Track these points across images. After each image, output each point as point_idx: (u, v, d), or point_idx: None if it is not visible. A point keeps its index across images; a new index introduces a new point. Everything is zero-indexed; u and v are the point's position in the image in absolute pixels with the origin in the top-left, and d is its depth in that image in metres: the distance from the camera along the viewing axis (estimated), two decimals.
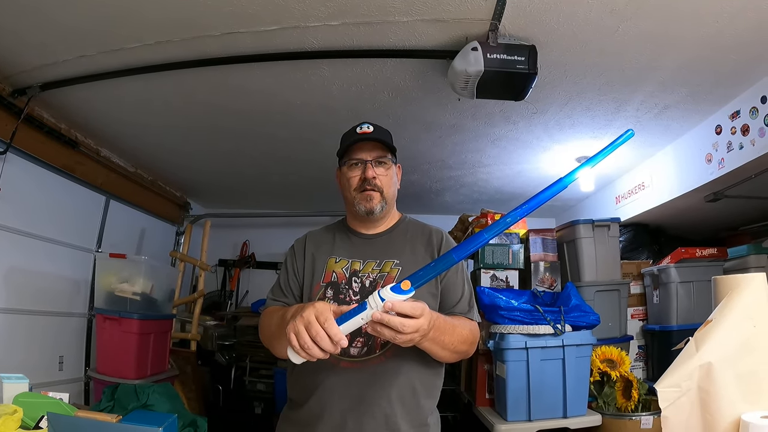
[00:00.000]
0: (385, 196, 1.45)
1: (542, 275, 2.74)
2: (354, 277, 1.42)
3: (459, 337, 1.31)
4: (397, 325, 1.04)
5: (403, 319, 1.04)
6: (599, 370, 2.40)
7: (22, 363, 2.63)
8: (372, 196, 1.43)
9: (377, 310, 1.03)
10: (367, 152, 1.44)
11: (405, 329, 1.05)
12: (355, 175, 1.44)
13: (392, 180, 1.48)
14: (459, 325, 1.34)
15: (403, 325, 1.04)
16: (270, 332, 1.35)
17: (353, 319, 1.04)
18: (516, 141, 3.08)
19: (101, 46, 2.11)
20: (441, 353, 1.29)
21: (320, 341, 1.02)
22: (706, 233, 3.98)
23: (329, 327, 1.03)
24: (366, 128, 1.45)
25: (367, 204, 1.43)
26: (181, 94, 2.57)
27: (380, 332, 1.05)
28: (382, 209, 1.45)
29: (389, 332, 1.05)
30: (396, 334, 1.05)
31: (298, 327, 1.04)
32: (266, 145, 3.28)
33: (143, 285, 2.94)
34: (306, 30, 1.93)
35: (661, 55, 2.11)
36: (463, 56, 1.86)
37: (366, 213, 1.44)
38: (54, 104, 2.70)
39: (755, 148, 2.43)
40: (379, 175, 1.44)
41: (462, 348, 1.33)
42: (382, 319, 1.03)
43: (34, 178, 2.82)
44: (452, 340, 1.28)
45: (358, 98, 2.53)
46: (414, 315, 1.06)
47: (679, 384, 1.14)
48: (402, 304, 1.04)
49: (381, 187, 1.44)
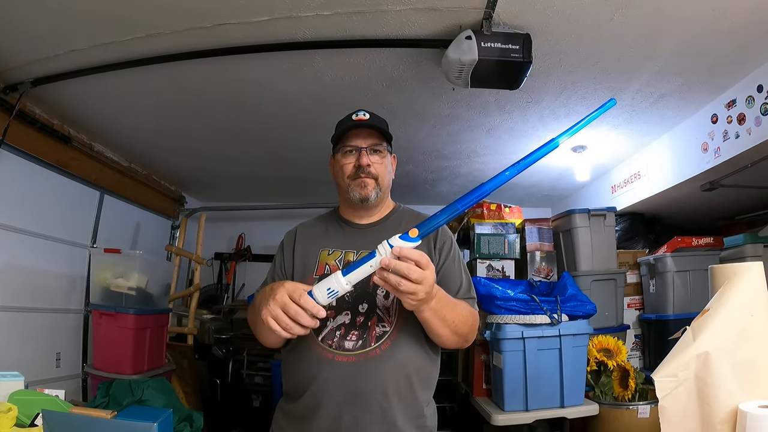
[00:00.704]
0: (380, 183, 1.43)
1: (538, 265, 2.74)
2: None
3: (460, 316, 1.31)
4: (403, 268, 1.06)
5: (410, 264, 1.07)
6: (596, 360, 2.41)
7: (19, 360, 2.62)
8: (366, 183, 1.41)
9: (386, 256, 1.07)
10: (362, 139, 1.42)
11: (411, 274, 1.06)
12: (349, 162, 1.42)
13: (387, 168, 1.47)
14: (460, 304, 1.34)
15: (410, 270, 1.06)
16: (254, 323, 1.37)
17: (362, 267, 1.08)
18: (511, 131, 3.06)
19: (92, 39, 2.08)
20: (441, 330, 1.28)
21: (300, 319, 1.08)
22: (702, 222, 3.99)
23: (305, 302, 1.08)
24: (362, 115, 1.43)
25: (362, 191, 1.41)
26: (173, 87, 2.54)
27: (386, 278, 1.07)
28: (376, 196, 1.43)
29: (395, 278, 1.06)
30: (401, 280, 1.06)
31: (275, 311, 1.09)
32: (260, 136, 3.26)
33: (138, 280, 2.92)
34: (298, 20, 1.91)
35: (656, 44, 2.10)
36: (456, 45, 1.84)
37: (360, 200, 1.42)
38: (46, 100, 2.67)
39: (751, 137, 2.42)
40: (374, 163, 1.42)
41: (462, 329, 1.33)
42: (389, 264, 1.05)
43: (27, 174, 2.80)
44: (453, 318, 1.28)
45: (352, 88, 2.50)
46: (420, 263, 1.08)
47: (676, 373, 1.14)
48: (410, 250, 1.07)
49: (376, 174, 1.42)
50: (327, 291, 1.09)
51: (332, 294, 1.09)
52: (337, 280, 1.09)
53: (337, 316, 1.34)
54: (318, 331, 1.33)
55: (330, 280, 1.10)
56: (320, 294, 1.10)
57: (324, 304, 1.10)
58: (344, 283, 1.09)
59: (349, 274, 1.08)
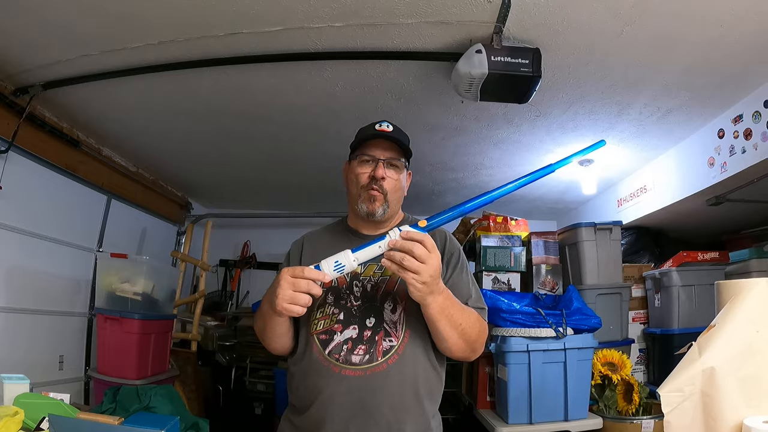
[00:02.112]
0: (389, 200, 1.41)
1: (544, 278, 2.74)
2: (355, 281, 1.39)
3: (468, 320, 1.30)
4: (408, 245, 1.12)
5: (416, 243, 1.13)
6: (600, 374, 2.40)
7: (23, 362, 2.63)
8: (375, 197, 1.39)
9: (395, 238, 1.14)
10: (381, 150, 1.41)
11: (415, 250, 1.11)
12: (365, 172, 1.41)
13: (400, 185, 1.45)
14: (468, 309, 1.33)
15: (414, 246, 1.12)
16: (262, 330, 1.40)
17: (371, 246, 1.16)
18: (518, 143, 3.07)
19: (104, 45, 2.10)
20: (449, 332, 1.27)
21: (312, 289, 1.15)
22: (707, 236, 3.97)
23: (309, 273, 1.16)
24: (385, 126, 1.42)
25: (369, 205, 1.40)
26: (183, 94, 2.56)
27: (391, 256, 1.13)
28: (383, 213, 1.41)
29: (399, 254, 1.12)
30: (405, 255, 1.12)
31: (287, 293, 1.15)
32: (268, 145, 3.27)
33: (144, 285, 2.93)
34: (310, 31, 1.93)
35: (664, 59, 2.11)
36: (467, 59, 1.85)
37: (366, 214, 1.42)
38: (56, 103, 2.69)
39: (758, 152, 2.43)
40: (388, 177, 1.40)
41: (471, 334, 1.31)
42: (396, 243, 1.13)
43: (36, 177, 2.81)
44: (461, 319, 1.27)
45: (361, 99, 2.53)
46: (425, 243, 1.14)
47: (682, 388, 1.14)
48: (416, 232, 1.14)
49: (386, 190, 1.40)
50: (335, 264, 1.15)
51: (339, 268, 1.15)
52: (346, 255, 1.15)
53: (345, 330, 1.33)
54: (325, 345, 1.33)
55: (339, 255, 1.16)
56: (327, 267, 1.16)
57: (331, 276, 1.16)
58: (352, 259, 1.15)
59: (358, 251, 1.15)
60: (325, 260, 1.17)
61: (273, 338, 1.37)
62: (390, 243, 1.14)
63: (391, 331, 1.33)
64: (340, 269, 1.16)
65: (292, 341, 1.41)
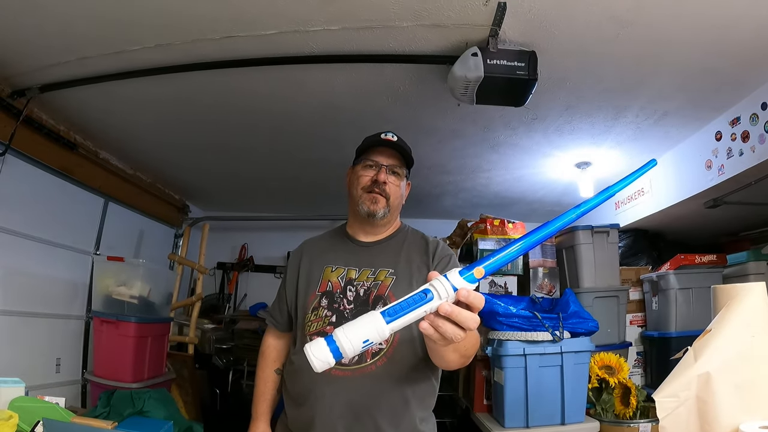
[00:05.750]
0: (390, 203, 1.47)
1: (541, 281, 2.73)
2: (349, 286, 1.42)
3: (471, 340, 1.26)
4: (468, 320, 0.82)
5: (472, 314, 0.83)
6: (597, 377, 2.39)
7: (20, 364, 2.62)
8: (377, 199, 1.45)
9: (447, 300, 0.80)
10: (385, 157, 1.49)
11: (473, 325, 0.83)
12: (368, 175, 1.48)
13: (400, 191, 1.52)
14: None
15: (474, 320, 0.83)
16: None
17: (413, 311, 0.81)
18: (516, 146, 3.07)
19: (101, 48, 2.10)
20: (451, 356, 1.23)
21: None
22: (705, 239, 3.97)
23: None
24: (390, 136, 1.51)
25: (372, 206, 1.45)
26: (180, 98, 2.55)
27: (439, 327, 0.82)
28: (384, 215, 1.47)
29: (452, 328, 0.81)
30: (459, 331, 0.82)
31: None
32: (265, 148, 3.27)
33: (141, 288, 2.93)
34: (306, 34, 1.93)
35: (661, 62, 2.11)
36: (462, 62, 1.85)
37: (367, 215, 1.46)
38: (53, 106, 2.68)
39: (755, 155, 2.42)
40: (390, 183, 1.47)
41: (470, 352, 1.30)
42: (452, 312, 0.80)
43: (33, 179, 2.81)
44: (465, 344, 1.23)
45: (357, 103, 2.52)
46: (479, 308, 0.85)
47: (677, 394, 1.14)
48: (477, 296, 0.83)
49: (388, 194, 1.47)
50: (363, 343, 0.80)
51: (368, 344, 0.81)
52: (378, 327, 0.80)
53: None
54: None
55: (367, 328, 0.81)
56: (350, 344, 0.80)
57: (351, 355, 0.83)
58: (387, 331, 0.81)
59: (394, 321, 0.81)
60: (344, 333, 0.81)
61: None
62: (441, 310, 0.80)
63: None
64: (368, 345, 0.81)
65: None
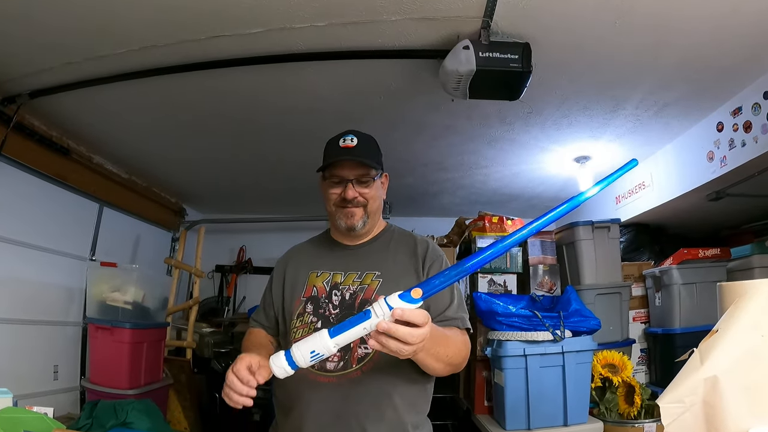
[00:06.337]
0: (368, 210, 1.40)
1: (541, 278, 2.68)
2: (334, 290, 1.38)
3: (453, 349, 1.27)
4: (406, 335, 0.95)
5: (411, 329, 0.96)
6: (600, 376, 2.34)
7: (17, 372, 2.61)
8: (353, 213, 1.38)
9: (383, 318, 0.95)
10: (348, 170, 1.37)
11: (413, 339, 0.96)
12: (336, 192, 1.39)
13: (377, 193, 1.42)
14: (452, 336, 1.30)
15: (412, 336, 0.96)
16: None
17: (353, 329, 0.97)
18: (513, 142, 3.02)
19: (87, 52, 2.07)
20: (434, 365, 1.24)
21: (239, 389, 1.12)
22: (707, 232, 3.92)
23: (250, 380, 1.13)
24: (349, 141, 1.37)
25: (348, 221, 1.39)
26: (169, 100, 2.52)
27: (384, 344, 0.96)
28: (363, 225, 1.41)
29: (395, 344, 0.96)
30: (402, 346, 0.96)
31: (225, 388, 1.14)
32: (257, 149, 3.23)
33: (135, 294, 2.90)
34: (292, 31, 1.88)
35: (660, 51, 2.05)
36: (453, 55, 1.80)
37: (346, 229, 1.41)
38: (44, 112, 2.66)
39: (758, 145, 2.38)
40: (361, 194, 1.38)
41: (456, 360, 1.29)
42: (389, 329, 0.94)
43: (26, 186, 2.78)
44: (446, 352, 1.24)
45: (348, 101, 2.48)
46: (421, 324, 0.98)
47: (683, 399, 1.09)
48: (412, 313, 0.95)
49: (364, 202, 1.39)
50: (310, 354, 0.99)
51: (316, 357, 0.99)
52: (323, 342, 0.98)
53: None
54: None
55: (315, 341, 0.99)
56: (301, 356, 1.00)
57: (304, 366, 1.01)
58: (331, 345, 0.98)
59: (338, 336, 0.98)
60: (297, 345, 1.01)
61: None
62: (380, 327, 0.95)
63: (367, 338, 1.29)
64: (317, 357, 1.00)
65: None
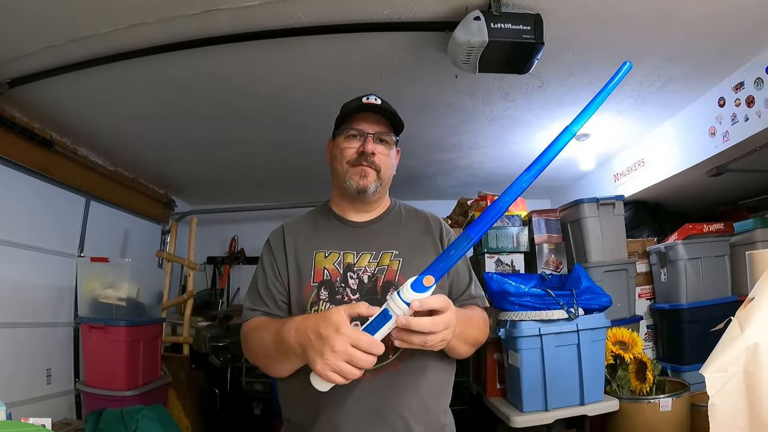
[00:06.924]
0: (382, 176, 1.27)
1: (547, 257, 2.64)
2: (349, 272, 1.22)
3: (477, 329, 1.22)
4: (427, 326, 0.92)
5: (432, 318, 0.92)
6: (612, 353, 2.31)
7: (7, 378, 2.49)
8: (367, 173, 1.25)
9: (402, 314, 0.91)
10: (369, 124, 1.26)
11: (436, 327, 0.92)
12: (352, 147, 1.26)
13: (391, 162, 1.31)
14: (474, 316, 1.23)
15: (434, 324, 0.92)
16: (265, 353, 1.15)
17: (380, 331, 0.92)
18: (514, 119, 2.97)
19: (70, 33, 1.95)
20: (462, 348, 1.18)
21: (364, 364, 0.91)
22: (704, 209, 3.93)
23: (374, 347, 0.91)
24: (373, 99, 1.27)
25: (361, 181, 1.25)
26: (158, 83, 2.41)
27: (408, 340, 0.93)
28: (375, 190, 1.27)
29: (419, 338, 0.92)
30: (427, 337, 0.92)
31: (339, 365, 0.90)
32: (251, 132, 3.12)
33: (129, 289, 2.79)
34: (292, 4, 1.79)
35: (667, 24, 2.02)
36: (464, 26, 1.72)
37: (357, 191, 1.26)
38: (25, 102, 2.53)
39: (761, 120, 2.37)
40: (379, 153, 1.26)
41: (480, 340, 1.24)
42: (409, 324, 0.90)
43: (8, 181, 2.66)
44: (473, 333, 1.19)
45: (349, 78, 2.38)
46: (442, 309, 0.94)
47: (726, 368, 1.05)
48: (430, 300, 0.92)
49: (379, 166, 1.26)
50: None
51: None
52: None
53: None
54: None
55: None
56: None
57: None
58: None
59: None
60: None
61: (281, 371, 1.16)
62: (399, 323, 0.91)
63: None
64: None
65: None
